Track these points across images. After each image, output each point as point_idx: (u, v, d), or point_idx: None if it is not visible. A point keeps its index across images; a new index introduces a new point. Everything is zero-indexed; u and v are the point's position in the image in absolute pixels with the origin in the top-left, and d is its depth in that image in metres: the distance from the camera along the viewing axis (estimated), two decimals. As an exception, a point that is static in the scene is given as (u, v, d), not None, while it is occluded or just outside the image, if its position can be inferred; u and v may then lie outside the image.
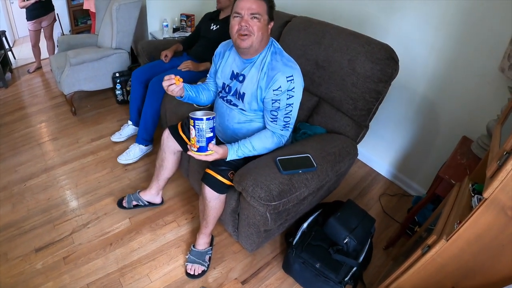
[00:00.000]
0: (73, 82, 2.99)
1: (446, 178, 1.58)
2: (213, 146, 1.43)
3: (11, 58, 4.61)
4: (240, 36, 1.46)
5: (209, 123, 1.38)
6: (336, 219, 1.74)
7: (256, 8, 1.44)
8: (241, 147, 1.54)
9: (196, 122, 1.37)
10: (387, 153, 2.49)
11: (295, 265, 1.71)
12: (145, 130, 2.49)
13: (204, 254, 1.81)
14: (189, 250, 1.84)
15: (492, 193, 0.93)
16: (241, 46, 1.49)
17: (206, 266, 1.80)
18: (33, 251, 1.89)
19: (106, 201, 2.20)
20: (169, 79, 1.53)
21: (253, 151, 1.56)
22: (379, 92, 1.74)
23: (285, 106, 1.51)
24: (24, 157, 2.64)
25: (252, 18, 1.45)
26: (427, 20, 1.98)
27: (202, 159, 1.47)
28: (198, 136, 1.40)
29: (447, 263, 1.11)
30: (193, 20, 3.52)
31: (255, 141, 1.55)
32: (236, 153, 1.53)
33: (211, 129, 1.40)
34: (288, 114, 1.54)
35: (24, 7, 3.85)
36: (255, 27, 1.45)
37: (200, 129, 1.38)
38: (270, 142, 1.58)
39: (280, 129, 1.58)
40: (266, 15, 1.48)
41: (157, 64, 2.64)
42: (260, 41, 1.49)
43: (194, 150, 1.44)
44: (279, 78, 1.47)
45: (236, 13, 1.47)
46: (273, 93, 1.49)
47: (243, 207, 1.61)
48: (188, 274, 1.78)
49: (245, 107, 1.61)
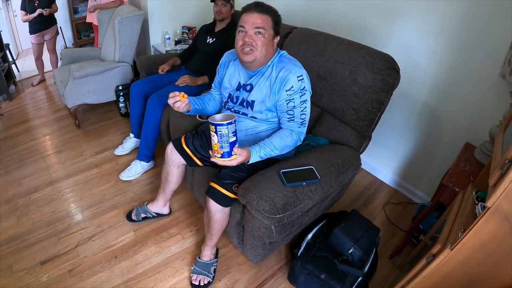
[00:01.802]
0: (77, 95, 3.01)
1: (450, 186, 1.58)
2: (237, 150, 1.40)
3: (15, 71, 4.65)
4: (244, 51, 1.49)
5: (232, 127, 1.33)
6: (341, 230, 1.74)
7: (261, 22, 1.47)
8: (263, 147, 1.51)
9: (217, 128, 1.31)
10: (391, 162, 2.50)
11: (301, 277, 1.70)
12: (146, 146, 2.50)
13: (210, 266, 1.81)
14: (195, 262, 1.83)
15: (495, 201, 0.92)
16: (244, 60, 1.51)
17: (211, 277, 1.79)
18: (38, 264, 1.89)
19: (110, 214, 2.21)
20: (173, 97, 1.54)
21: (275, 150, 1.53)
22: (381, 102, 1.76)
23: (299, 103, 1.53)
24: (28, 170, 2.65)
25: (256, 33, 1.47)
26: (427, 28, 2.00)
27: (227, 164, 1.44)
28: (221, 142, 1.34)
29: (452, 272, 1.11)
30: (194, 32, 3.55)
31: (275, 140, 1.54)
32: (259, 154, 1.50)
33: (234, 133, 1.35)
34: (304, 111, 1.56)
35: (27, 20, 3.89)
36: (259, 42, 1.47)
37: (223, 134, 1.33)
38: (290, 140, 1.57)
39: (298, 126, 1.58)
40: (271, 30, 1.50)
41: (155, 77, 2.66)
42: (264, 55, 1.52)
43: (217, 156, 1.39)
44: (291, 78, 1.50)
45: (241, 27, 1.50)
46: (286, 93, 1.51)
47: (247, 219, 1.61)
48: (193, 285, 1.77)
49: (255, 114, 1.63)
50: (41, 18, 3.88)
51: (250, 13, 1.49)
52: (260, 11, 1.48)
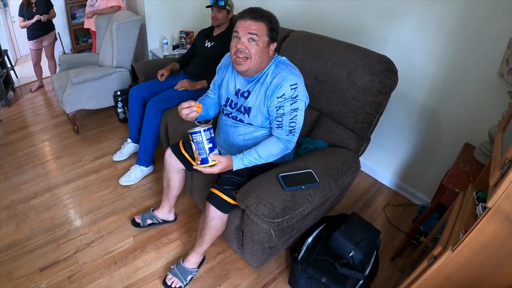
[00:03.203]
0: (75, 101, 3.01)
1: (450, 186, 1.57)
2: (214, 156, 1.44)
3: (13, 77, 4.65)
4: (237, 60, 1.48)
5: (207, 134, 1.41)
6: (341, 233, 1.73)
7: (254, 29, 1.44)
8: (246, 155, 1.52)
9: (193, 135, 1.41)
10: (390, 163, 2.49)
11: (301, 280, 1.69)
12: (145, 151, 2.50)
13: (189, 273, 1.79)
14: (177, 263, 1.83)
15: (496, 202, 0.93)
16: (237, 69, 1.53)
17: (184, 285, 1.77)
18: (38, 271, 1.88)
19: (110, 220, 2.20)
20: (189, 107, 1.51)
21: (259, 159, 1.54)
22: (379, 104, 1.75)
23: (289, 111, 1.51)
24: (27, 176, 2.65)
25: (250, 40, 1.45)
26: (425, 29, 2.00)
27: (208, 171, 1.48)
28: (198, 149, 1.43)
29: (453, 274, 1.11)
30: (192, 37, 3.56)
31: (260, 148, 1.54)
32: (242, 162, 1.51)
33: (209, 140, 1.42)
34: (294, 119, 1.53)
35: (25, 26, 3.89)
36: (253, 50, 1.46)
37: (199, 141, 1.41)
38: (276, 148, 1.55)
39: (286, 134, 1.55)
40: (265, 37, 1.47)
41: (154, 82, 2.65)
42: (258, 64, 1.51)
43: (198, 163, 1.46)
44: (284, 85, 1.48)
45: (235, 32, 1.49)
46: (277, 100, 1.50)
47: (247, 224, 1.61)
48: (165, 283, 1.77)
49: (251, 121, 1.62)
50: (39, 24, 3.88)
51: (243, 19, 1.46)
52: (253, 18, 1.45)
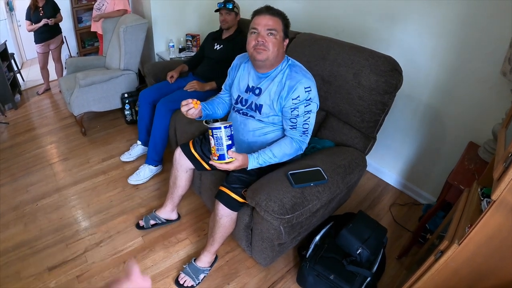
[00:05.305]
0: (83, 103, 3.04)
1: (455, 184, 1.59)
2: (232, 153, 1.46)
3: (20, 80, 4.69)
4: (257, 50, 1.54)
5: (227, 131, 1.42)
6: (348, 230, 1.75)
7: (272, 24, 1.52)
8: (261, 154, 1.56)
9: (214, 131, 1.42)
10: (395, 163, 2.51)
11: (310, 278, 1.71)
12: (155, 151, 2.53)
13: (201, 272, 1.81)
14: (189, 262, 1.85)
15: (500, 194, 0.94)
16: (257, 58, 1.55)
17: (196, 283, 1.79)
18: (46, 270, 1.89)
19: (118, 220, 2.22)
20: (186, 104, 1.58)
21: (274, 158, 1.58)
22: (385, 104, 1.78)
23: (303, 113, 1.57)
24: (35, 177, 2.67)
25: (268, 34, 1.52)
26: (428, 30, 2.03)
27: (224, 167, 1.49)
28: (217, 145, 1.44)
29: (460, 267, 1.12)
30: (198, 40, 3.60)
31: (275, 148, 1.58)
32: (257, 161, 1.55)
33: (229, 137, 1.43)
34: (307, 121, 1.59)
35: (32, 30, 3.95)
36: (271, 43, 1.52)
37: (219, 137, 1.42)
38: (290, 148, 1.60)
39: (299, 135, 1.61)
40: (281, 32, 1.56)
41: (163, 84, 2.69)
42: (276, 56, 1.57)
43: (215, 159, 1.47)
44: (299, 88, 1.54)
45: (253, 29, 1.55)
46: (292, 101, 1.55)
47: (256, 221, 1.63)
48: (177, 282, 1.80)
49: (262, 118, 1.66)
50: (46, 28, 3.93)
51: (262, 15, 1.54)
52: (271, 14, 1.54)
